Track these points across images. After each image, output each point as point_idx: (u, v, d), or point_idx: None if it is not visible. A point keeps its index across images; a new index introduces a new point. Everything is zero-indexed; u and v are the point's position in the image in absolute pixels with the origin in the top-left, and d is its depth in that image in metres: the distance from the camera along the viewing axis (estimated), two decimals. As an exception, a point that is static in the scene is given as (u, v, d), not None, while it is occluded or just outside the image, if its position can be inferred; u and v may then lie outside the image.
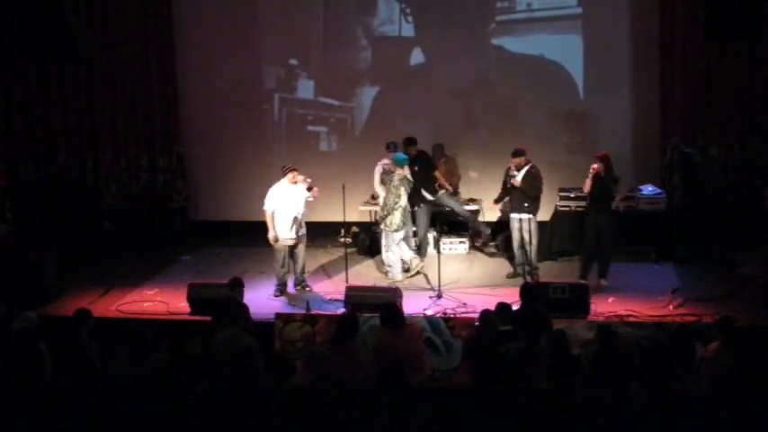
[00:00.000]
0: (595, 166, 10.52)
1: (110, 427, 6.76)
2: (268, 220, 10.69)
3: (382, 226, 11.22)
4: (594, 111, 12.67)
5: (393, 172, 11.11)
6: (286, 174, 10.74)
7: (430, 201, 11.79)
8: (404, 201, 11.07)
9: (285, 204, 10.68)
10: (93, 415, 6.82)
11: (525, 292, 8.89)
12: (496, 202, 11.37)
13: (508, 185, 10.96)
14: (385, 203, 11.13)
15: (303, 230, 10.83)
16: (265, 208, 10.70)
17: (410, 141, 11.64)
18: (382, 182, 11.53)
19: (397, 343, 7.92)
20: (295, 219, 10.68)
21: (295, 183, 10.73)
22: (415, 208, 11.66)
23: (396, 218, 11.04)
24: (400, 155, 11.22)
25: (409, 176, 11.17)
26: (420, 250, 11.74)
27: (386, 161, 11.61)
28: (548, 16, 12.60)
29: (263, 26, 13.18)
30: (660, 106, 12.28)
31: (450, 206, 12.02)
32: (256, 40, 13.18)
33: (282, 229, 10.69)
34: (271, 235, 10.67)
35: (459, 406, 6.78)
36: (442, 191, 11.86)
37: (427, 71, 12.95)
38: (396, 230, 11.10)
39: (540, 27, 12.63)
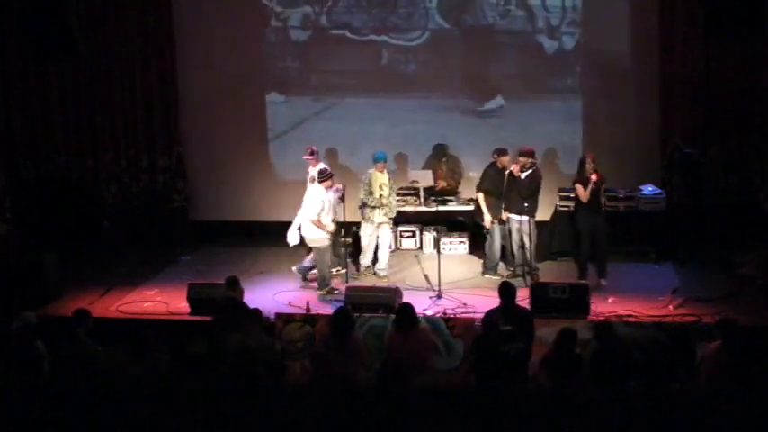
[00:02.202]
0: (594, 177, 10.54)
1: (109, 426, 6.77)
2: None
3: (386, 221, 11.28)
4: (594, 111, 12.66)
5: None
6: (327, 179, 10.83)
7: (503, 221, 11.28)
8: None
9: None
10: (93, 414, 6.82)
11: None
12: (507, 209, 11.19)
13: (508, 183, 10.99)
14: (387, 202, 11.20)
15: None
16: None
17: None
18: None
19: (407, 344, 7.95)
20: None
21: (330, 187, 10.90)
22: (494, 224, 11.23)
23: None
24: (381, 152, 11.32)
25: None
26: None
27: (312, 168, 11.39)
28: (548, 17, 12.60)
29: (263, 26, 13.16)
30: (660, 106, 12.28)
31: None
32: (256, 40, 13.17)
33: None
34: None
35: (459, 406, 6.79)
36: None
37: (429, 72, 12.93)
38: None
39: (540, 28, 12.63)
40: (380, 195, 11.15)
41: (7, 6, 12.49)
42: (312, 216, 10.69)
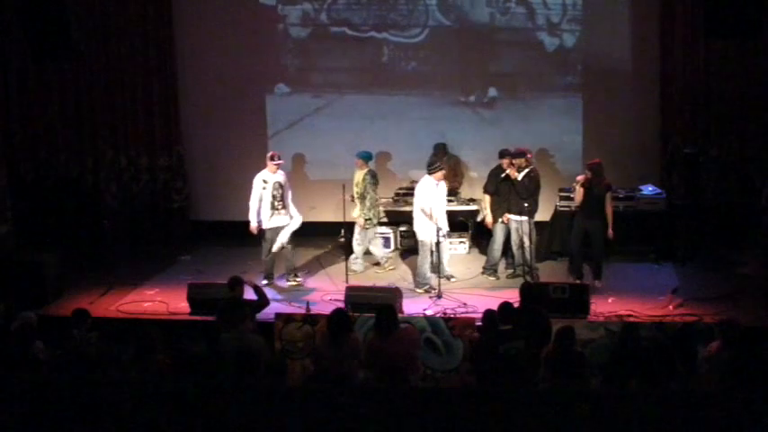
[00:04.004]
0: (580, 177, 10.56)
1: (109, 426, 6.76)
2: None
3: (366, 222, 11.39)
4: (594, 110, 12.66)
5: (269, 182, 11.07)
6: (437, 171, 10.77)
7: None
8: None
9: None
10: (93, 414, 6.82)
11: (525, 292, 8.89)
12: (507, 210, 11.22)
13: (507, 186, 10.98)
14: (367, 202, 11.31)
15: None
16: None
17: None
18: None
19: (388, 346, 7.90)
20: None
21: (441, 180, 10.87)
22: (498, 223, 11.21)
23: (380, 212, 11.55)
24: (365, 152, 11.51)
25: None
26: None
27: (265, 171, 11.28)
28: (548, 14, 12.60)
29: (263, 26, 13.16)
30: (660, 106, 12.29)
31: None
32: (256, 38, 13.17)
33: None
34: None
35: (459, 406, 6.78)
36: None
37: (429, 69, 12.95)
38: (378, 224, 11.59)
39: (540, 27, 12.64)
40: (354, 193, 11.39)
41: (7, 6, 12.48)
42: (418, 208, 10.74)
